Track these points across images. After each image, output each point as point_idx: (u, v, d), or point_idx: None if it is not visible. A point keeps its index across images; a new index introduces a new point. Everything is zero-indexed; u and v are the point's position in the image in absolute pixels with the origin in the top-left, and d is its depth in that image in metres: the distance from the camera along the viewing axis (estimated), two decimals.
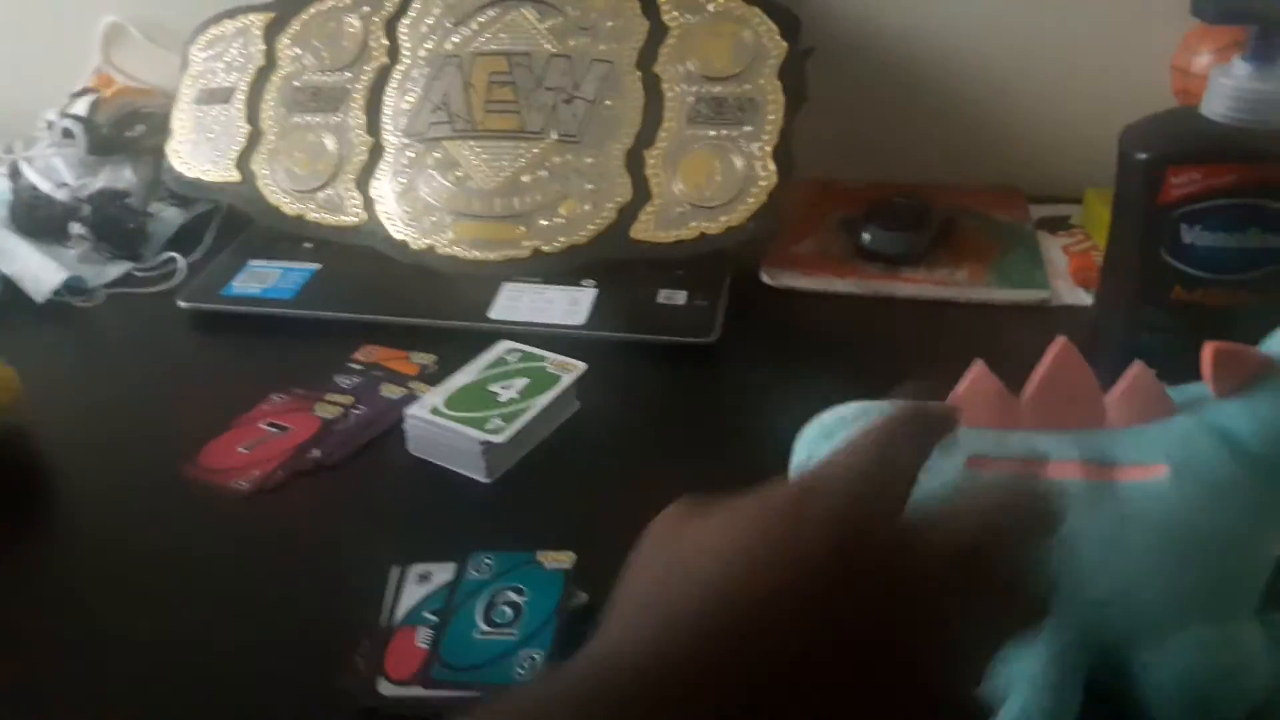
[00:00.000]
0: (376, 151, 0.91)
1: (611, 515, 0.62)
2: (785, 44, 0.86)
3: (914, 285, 0.84)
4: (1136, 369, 0.45)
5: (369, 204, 0.90)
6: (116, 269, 0.92)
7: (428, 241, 0.87)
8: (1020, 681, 0.43)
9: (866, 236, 0.87)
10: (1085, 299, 0.81)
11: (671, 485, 0.64)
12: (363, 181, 0.90)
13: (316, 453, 0.68)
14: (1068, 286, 0.83)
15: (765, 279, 0.86)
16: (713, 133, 0.85)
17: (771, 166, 0.83)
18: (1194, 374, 0.45)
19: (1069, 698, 0.42)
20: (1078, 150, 0.93)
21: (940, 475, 0.44)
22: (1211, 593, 0.43)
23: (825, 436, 0.51)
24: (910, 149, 1.00)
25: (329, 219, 0.91)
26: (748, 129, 0.85)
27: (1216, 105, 0.58)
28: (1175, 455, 0.43)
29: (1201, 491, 0.42)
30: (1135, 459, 0.43)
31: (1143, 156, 0.61)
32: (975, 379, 0.46)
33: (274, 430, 0.70)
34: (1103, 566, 0.42)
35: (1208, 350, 0.44)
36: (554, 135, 0.87)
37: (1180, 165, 0.59)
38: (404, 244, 0.88)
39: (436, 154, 0.89)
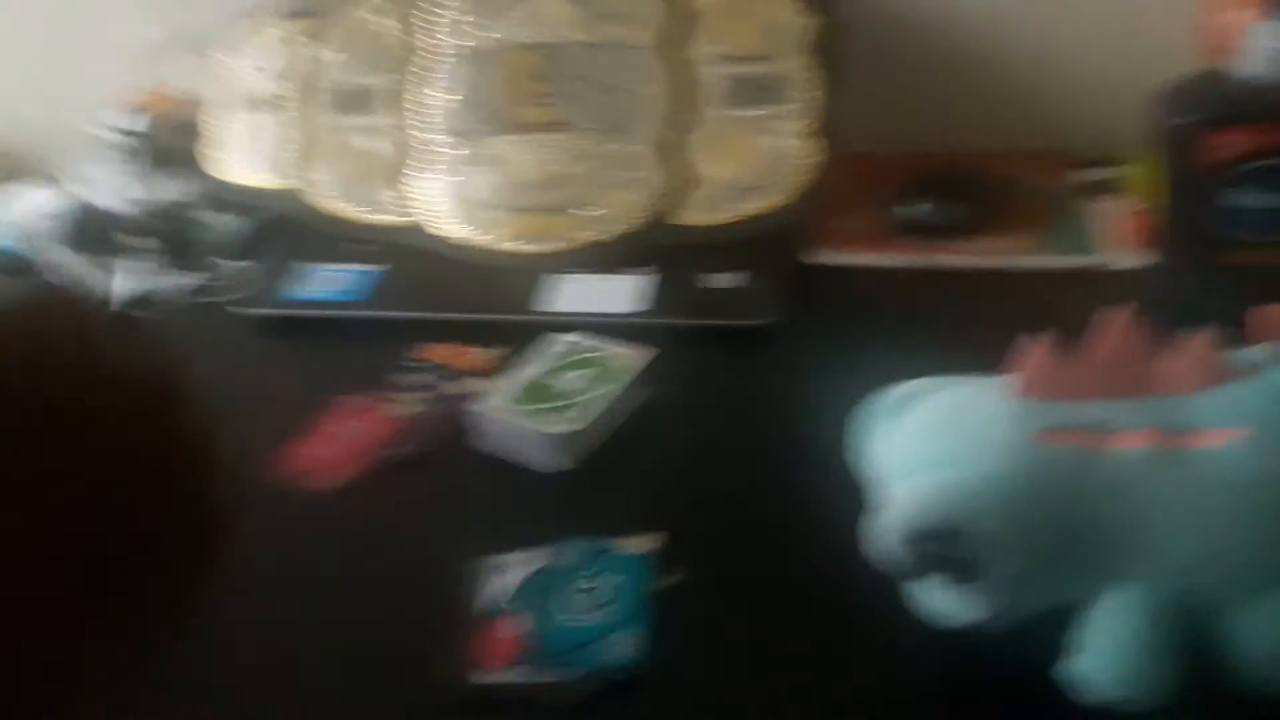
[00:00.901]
0: (424, 150, 0.93)
1: (688, 499, 0.65)
2: (816, 19, 0.86)
3: (965, 257, 0.84)
4: (1197, 335, 0.46)
5: (419, 203, 0.92)
6: (179, 280, 0.95)
7: (480, 238, 0.89)
8: (1114, 649, 0.44)
9: (912, 210, 0.87)
10: (1134, 262, 0.81)
11: (743, 464, 0.67)
12: (413, 181, 0.92)
13: (393, 450, 0.70)
14: (1116, 251, 0.83)
15: (815, 257, 0.87)
16: (749, 113, 0.86)
17: (811, 144, 0.84)
18: (1245, 336, 0.46)
19: (1165, 662, 0.43)
20: (1119, 110, 0.93)
21: (1011, 451, 0.46)
22: None
23: (891, 413, 0.52)
24: (949, 117, 1.00)
25: (381, 220, 0.93)
26: (784, 108, 0.85)
27: (1255, 64, 0.58)
28: (1254, 418, 0.44)
29: None
30: (1209, 424, 0.44)
31: (1180, 122, 0.61)
32: (1036, 354, 0.47)
33: (351, 431, 0.72)
34: (1184, 533, 0.43)
35: (1261, 314, 0.45)
36: (590, 125, 0.88)
37: (1220, 128, 0.59)
38: (457, 241, 0.90)
39: (480, 150, 0.90)
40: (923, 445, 0.49)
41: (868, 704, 0.51)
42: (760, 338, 0.78)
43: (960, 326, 0.76)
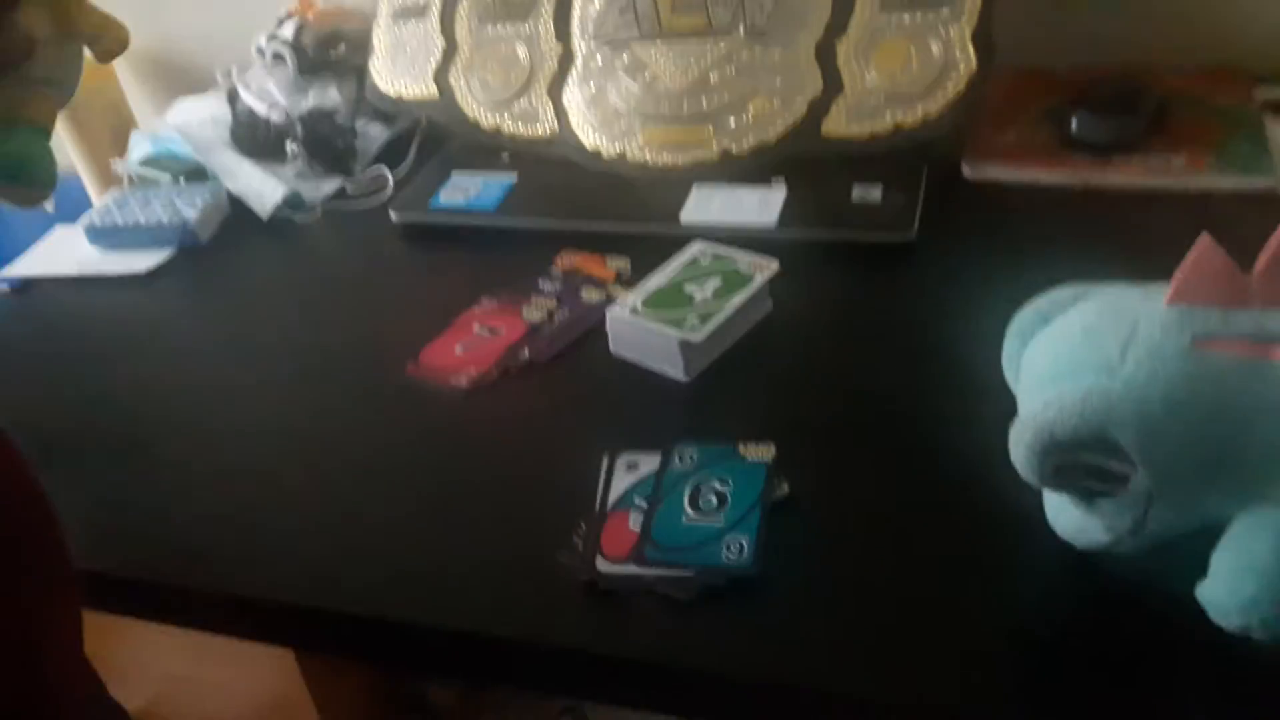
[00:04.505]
0: (566, 59, 0.92)
1: (808, 412, 0.64)
2: None
3: (1127, 175, 0.79)
4: None
5: (561, 113, 0.92)
6: (330, 184, 0.98)
7: (618, 148, 0.88)
8: (1247, 571, 0.41)
9: (1074, 123, 0.82)
10: None
11: (867, 382, 0.65)
12: (554, 91, 0.92)
13: (526, 352, 0.71)
14: None
15: (966, 172, 0.83)
16: (907, 17, 0.82)
17: (971, 52, 0.80)
18: None
19: None
20: None
21: (1165, 355, 0.43)
22: None
23: (1041, 320, 0.49)
24: (1118, 30, 0.93)
25: (524, 130, 0.93)
26: (944, 11, 0.81)
27: None
28: None
29: None
30: None
31: None
32: (1201, 254, 0.44)
33: (486, 332, 0.73)
34: None
35: None
36: (741, 30, 0.86)
37: None
38: (596, 152, 0.89)
39: (625, 57, 0.89)
40: (1070, 351, 0.46)
41: (990, 621, 0.49)
42: (900, 254, 0.75)
43: (1119, 248, 0.71)
